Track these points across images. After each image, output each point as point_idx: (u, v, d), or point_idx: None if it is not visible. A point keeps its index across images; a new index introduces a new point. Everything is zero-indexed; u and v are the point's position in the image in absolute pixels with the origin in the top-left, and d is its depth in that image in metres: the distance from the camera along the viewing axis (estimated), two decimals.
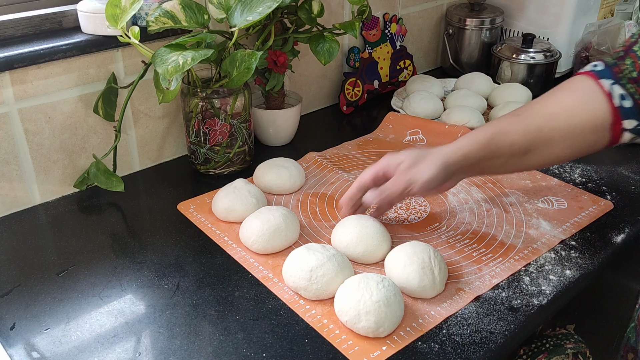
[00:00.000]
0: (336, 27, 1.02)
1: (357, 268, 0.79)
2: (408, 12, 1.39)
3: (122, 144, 1.00)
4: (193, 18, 0.88)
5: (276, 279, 0.77)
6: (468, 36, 1.43)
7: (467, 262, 0.81)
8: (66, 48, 0.88)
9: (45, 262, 0.81)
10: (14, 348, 0.67)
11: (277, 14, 0.98)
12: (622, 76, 0.73)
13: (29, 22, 0.92)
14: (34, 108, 0.89)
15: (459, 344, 0.67)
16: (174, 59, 0.80)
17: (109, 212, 0.93)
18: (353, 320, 0.67)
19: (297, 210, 0.92)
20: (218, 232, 0.86)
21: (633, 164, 1.06)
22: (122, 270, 0.79)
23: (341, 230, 0.81)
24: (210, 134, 0.97)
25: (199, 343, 0.67)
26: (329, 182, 1.00)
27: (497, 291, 0.76)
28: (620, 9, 1.50)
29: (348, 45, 1.28)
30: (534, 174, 1.02)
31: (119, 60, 0.95)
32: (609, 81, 0.74)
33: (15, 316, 0.71)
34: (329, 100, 1.32)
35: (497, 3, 1.48)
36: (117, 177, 0.94)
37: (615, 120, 0.74)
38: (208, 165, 1.00)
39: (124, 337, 0.68)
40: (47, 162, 0.93)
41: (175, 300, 0.74)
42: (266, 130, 1.11)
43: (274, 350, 0.66)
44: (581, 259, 0.81)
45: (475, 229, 0.88)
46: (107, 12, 0.83)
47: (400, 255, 0.75)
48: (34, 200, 0.94)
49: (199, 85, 0.94)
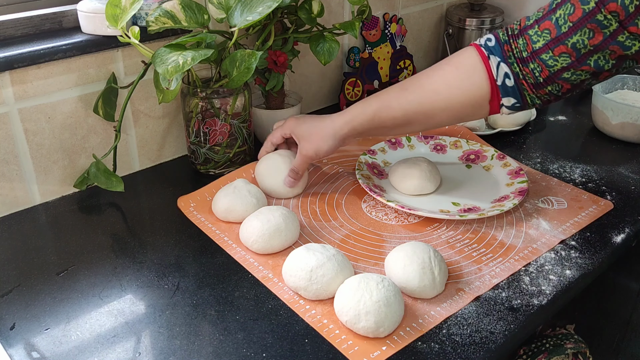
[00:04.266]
0: (336, 27, 1.02)
1: (357, 269, 0.79)
2: (408, 12, 1.39)
3: (122, 144, 1.00)
4: (193, 18, 0.88)
5: (276, 279, 0.77)
6: (468, 36, 1.43)
7: (467, 262, 0.81)
8: (66, 48, 0.88)
9: (45, 262, 0.81)
10: (14, 348, 0.67)
11: (277, 14, 0.98)
12: (511, 55, 0.78)
13: (29, 22, 0.92)
14: (34, 108, 0.89)
15: (459, 344, 0.67)
16: (174, 59, 0.80)
17: (109, 212, 0.93)
18: (353, 320, 0.67)
19: (297, 210, 0.92)
20: (218, 232, 0.86)
21: (633, 164, 1.06)
22: (122, 270, 0.79)
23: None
24: (210, 134, 0.97)
25: (199, 343, 0.67)
26: (329, 182, 1.00)
27: (497, 291, 0.76)
28: None
29: (348, 45, 1.28)
30: (534, 173, 1.02)
31: (119, 60, 0.95)
32: (497, 59, 0.79)
33: (15, 316, 0.71)
34: (329, 100, 1.32)
35: (497, 3, 1.48)
36: (117, 177, 0.94)
37: (494, 97, 0.81)
38: (208, 165, 1.00)
39: (124, 337, 0.68)
40: (47, 162, 0.93)
41: (175, 300, 0.74)
42: (266, 130, 1.11)
43: (274, 350, 0.66)
44: (581, 259, 0.81)
45: (475, 229, 0.88)
46: (107, 12, 0.83)
47: (400, 255, 0.75)
48: (34, 200, 0.94)
49: (199, 85, 0.94)
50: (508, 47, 0.78)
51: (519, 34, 0.78)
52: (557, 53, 0.75)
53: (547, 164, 1.06)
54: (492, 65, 0.79)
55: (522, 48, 0.77)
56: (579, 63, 0.74)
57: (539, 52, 0.76)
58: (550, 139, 1.16)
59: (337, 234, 0.87)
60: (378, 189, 0.95)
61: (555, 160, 1.07)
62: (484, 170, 1.03)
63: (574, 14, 0.72)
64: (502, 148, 1.09)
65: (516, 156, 1.07)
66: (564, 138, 1.17)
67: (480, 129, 1.14)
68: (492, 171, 1.02)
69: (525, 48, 0.77)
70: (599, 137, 1.16)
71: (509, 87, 0.79)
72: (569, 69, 0.75)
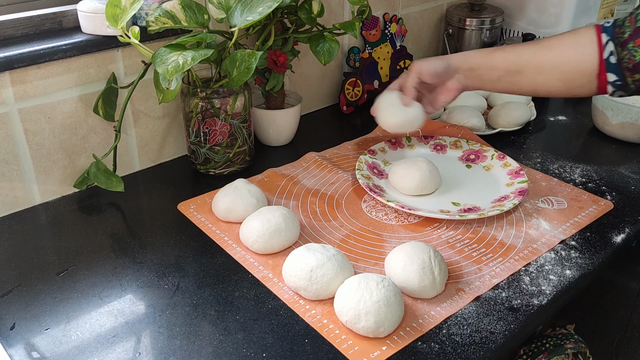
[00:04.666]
0: (336, 27, 1.02)
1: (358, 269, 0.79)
2: (408, 12, 1.39)
3: (122, 144, 1.00)
4: (193, 18, 0.88)
5: (276, 279, 0.77)
6: (468, 36, 1.43)
7: (467, 262, 0.81)
8: (66, 48, 0.88)
9: (45, 262, 0.81)
10: (14, 348, 0.67)
11: (277, 14, 0.98)
12: (618, 37, 0.84)
13: (29, 22, 0.92)
14: (34, 108, 0.89)
15: (459, 344, 0.67)
16: (174, 59, 0.80)
17: (109, 212, 0.93)
18: (353, 320, 0.67)
19: (297, 210, 0.92)
20: (218, 232, 0.86)
21: (633, 164, 1.06)
22: (122, 270, 0.79)
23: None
24: (210, 134, 0.97)
25: (199, 343, 0.67)
26: (329, 182, 1.00)
27: (497, 291, 0.76)
28: (620, 9, 1.50)
29: (348, 45, 1.28)
30: (534, 173, 1.02)
31: (119, 60, 0.95)
32: (607, 37, 0.85)
33: (15, 316, 0.71)
34: (329, 100, 1.32)
35: (497, 3, 1.48)
36: (117, 177, 0.94)
37: (601, 71, 0.86)
38: (208, 165, 1.00)
39: (124, 337, 0.68)
40: (47, 162, 0.93)
41: (175, 300, 0.74)
42: (266, 130, 1.11)
43: (274, 350, 0.66)
44: (581, 259, 0.81)
45: (475, 229, 0.88)
46: (107, 12, 0.83)
47: (400, 255, 0.75)
48: (34, 200, 0.94)
49: (199, 85, 0.94)
50: (618, 30, 0.84)
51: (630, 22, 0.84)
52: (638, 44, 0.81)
53: (547, 164, 1.06)
54: (603, 41, 0.85)
55: (627, 30, 0.83)
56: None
57: (631, 38, 0.82)
58: (550, 139, 1.16)
59: (337, 234, 0.87)
60: (378, 189, 0.95)
61: (555, 160, 1.07)
62: (484, 170, 1.03)
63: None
64: (502, 148, 1.09)
65: (516, 156, 1.07)
66: (564, 138, 1.17)
67: (480, 129, 1.14)
68: (492, 171, 1.02)
69: (629, 30, 0.83)
70: (599, 137, 1.16)
71: (612, 63, 0.85)
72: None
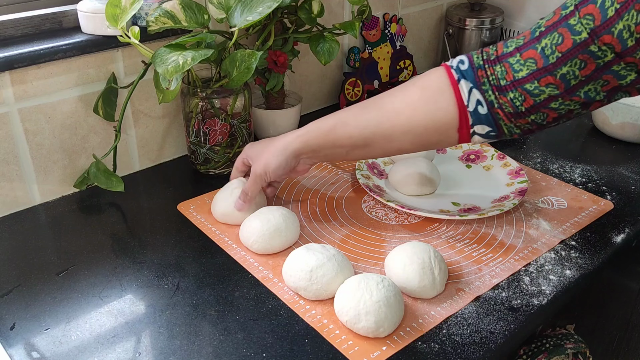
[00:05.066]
0: (336, 27, 1.02)
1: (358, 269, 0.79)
2: (408, 12, 1.39)
3: (122, 144, 1.00)
4: (193, 18, 0.88)
5: (276, 279, 0.77)
6: (468, 36, 1.43)
7: (467, 262, 0.81)
8: (66, 48, 0.88)
9: (45, 262, 0.81)
10: (14, 348, 0.67)
11: (277, 14, 0.98)
12: (486, 81, 0.72)
13: (29, 22, 0.92)
14: (34, 108, 0.89)
15: (459, 344, 0.67)
16: (174, 59, 0.80)
17: (109, 212, 0.93)
18: (353, 321, 0.67)
19: (297, 211, 0.92)
20: (218, 233, 0.86)
21: (633, 164, 1.06)
22: (122, 270, 0.79)
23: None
24: (210, 134, 0.97)
25: (199, 343, 0.67)
26: (329, 182, 1.00)
27: (497, 291, 0.76)
28: None
29: (348, 45, 1.28)
30: (534, 173, 1.02)
31: (119, 60, 0.95)
32: (469, 85, 0.72)
33: (15, 316, 0.71)
34: (329, 100, 1.32)
35: (497, 3, 1.48)
36: (117, 177, 0.94)
37: (463, 125, 0.74)
38: (208, 165, 1.00)
39: (124, 337, 0.68)
40: (47, 162, 0.93)
41: (175, 300, 0.74)
42: (266, 130, 1.11)
43: (274, 350, 0.66)
44: (581, 259, 0.81)
45: (475, 229, 0.88)
46: (107, 12, 0.83)
47: (400, 255, 0.75)
48: (34, 200, 0.94)
49: (199, 85, 0.94)
50: (482, 72, 0.72)
51: (496, 60, 0.71)
52: (544, 83, 0.69)
53: (547, 164, 1.06)
54: (463, 91, 0.72)
55: (499, 76, 0.71)
56: (568, 94, 0.69)
57: (522, 82, 0.69)
58: (550, 139, 1.16)
59: (337, 234, 0.87)
60: (378, 189, 0.95)
61: (555, 160, 1.07)
62: (484, 170, 1.03)
63: (562, 44, 0.66)
64: (502, 148, 1.09)
65: (516, 156, 1.07)
66: (564, 138, 1.17)
67: None
68: (492, 171, 1.02)
69: (504, 76, 0.70)
70: (599, 137, 1.16)
71: (481, 114, 0.73)
72: (556, 98, 0.69)
